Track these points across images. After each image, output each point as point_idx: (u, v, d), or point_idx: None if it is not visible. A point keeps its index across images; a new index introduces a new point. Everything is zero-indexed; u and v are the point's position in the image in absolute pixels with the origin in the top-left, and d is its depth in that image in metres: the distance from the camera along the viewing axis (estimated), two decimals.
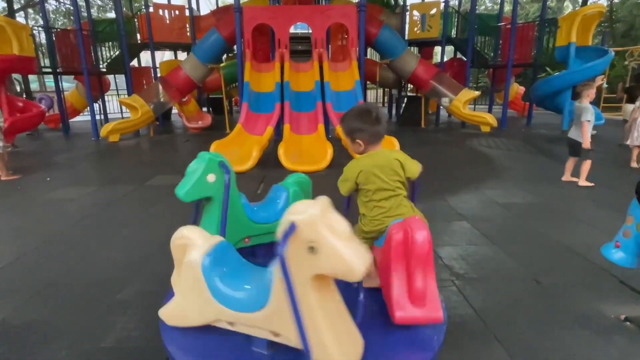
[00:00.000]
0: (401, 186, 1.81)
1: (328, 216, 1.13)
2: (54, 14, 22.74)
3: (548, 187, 4.61)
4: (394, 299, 1.47)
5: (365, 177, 1.79)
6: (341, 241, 1.08)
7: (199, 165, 1.88)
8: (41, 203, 4.28)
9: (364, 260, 1.08)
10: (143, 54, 12.89)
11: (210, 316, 1.42)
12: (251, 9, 7.96)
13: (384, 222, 1.77)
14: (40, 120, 8.61)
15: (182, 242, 1.46)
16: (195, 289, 1.41)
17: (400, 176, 1.79)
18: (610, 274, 2.47)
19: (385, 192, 1.78)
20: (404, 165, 1.81)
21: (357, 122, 1.80)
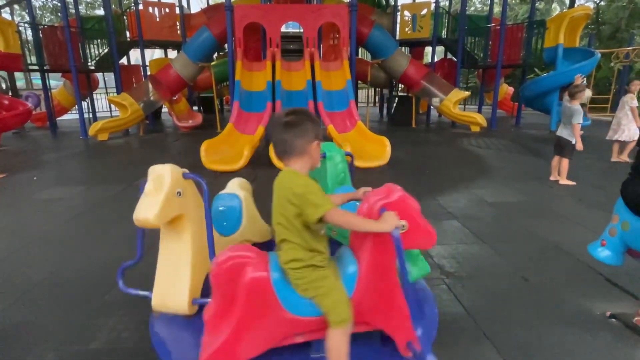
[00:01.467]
0: (285, 223, 1.39)
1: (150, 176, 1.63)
2: (41, 10, 22.35)
3: (536, 187, 4.67)
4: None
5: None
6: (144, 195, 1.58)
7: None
8: (28, 203, 4.20)
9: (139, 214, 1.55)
10: (132, 52, 12.73)
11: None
12: (242, 8, 7.91)
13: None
14: (27, 118, 8.47)
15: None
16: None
17: (282, 208, 1.39)
18: (596, 272, 2.51)
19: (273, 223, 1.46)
20: (298, 197, 1.35)
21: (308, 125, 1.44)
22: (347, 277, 1.40)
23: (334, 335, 1.33)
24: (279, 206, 1.39)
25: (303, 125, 1.40)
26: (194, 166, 5.56)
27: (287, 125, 1.40)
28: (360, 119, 6.70)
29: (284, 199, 1.36)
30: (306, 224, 1.35)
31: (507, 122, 11.23)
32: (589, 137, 8.25)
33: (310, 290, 1.36)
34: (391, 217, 1.31)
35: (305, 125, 1.40)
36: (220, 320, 1.35)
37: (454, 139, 8.35)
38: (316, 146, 1.43)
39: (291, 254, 1.38)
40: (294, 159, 1.42)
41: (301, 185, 1.34)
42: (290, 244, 1.38)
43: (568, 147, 4.59)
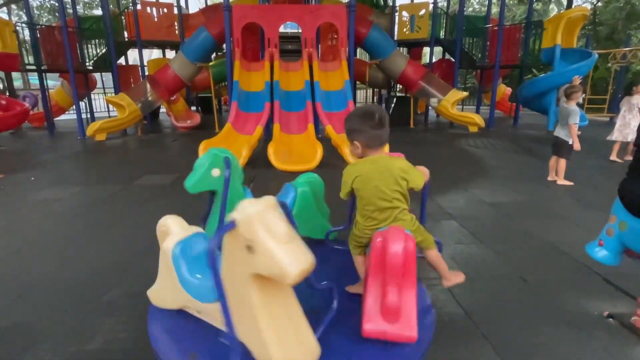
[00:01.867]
0: (400, 198, 1.67)
1: (267, 216, 1.11)
2: (39, 10, 22.27)
3: (534, 187, 4.69)
4: (366, 310, 1.42)
5: (362, 184, 1.67)
6: (277, 243, 1.07)
7: (205, 160, 2.02)
8: (25, 203, 4.19)
9: (300, 264, 1.05)
10: (130, 52, 12.71)
11: (180, 302, 1.53)
12: (241, 8, 7.91)
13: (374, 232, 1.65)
14: (24, 118, 8.43)
15: (162, 230, 1.59)
16: (167, 274, 1.52)
17: (400, 187, 1.65)
18: (594, 272, 2.52)
19: (381, 201, 1.65)
20: (407, 175, 1.66)
21: (358, 123, 1.68)
22: None
23: (431, 253, 1.80)
24: (394, 184, 1.66)
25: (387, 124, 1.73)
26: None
27: (385, 120, 1.71)
28: None
29: (399, 177, 1.66)
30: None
31: (505, 123, 11.26)
32: (586, 138, 8.29)
33: (418, 230, 1.73)
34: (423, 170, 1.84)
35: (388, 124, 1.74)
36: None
37: (452, 139, 8.36)
38: None
39: (409, 215, 1.73)
40: (381, 148, 1.74)
41: (406, 164, 1.74)
42: (404, 210, 1.71)
43: (565, 147, 4.62)
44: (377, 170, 1.66)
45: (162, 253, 1.53)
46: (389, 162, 1.68)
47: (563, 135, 4.61)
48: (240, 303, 1.20)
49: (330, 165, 5.66)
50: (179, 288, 1.47)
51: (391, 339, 1.37)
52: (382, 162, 1.68)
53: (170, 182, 4.94)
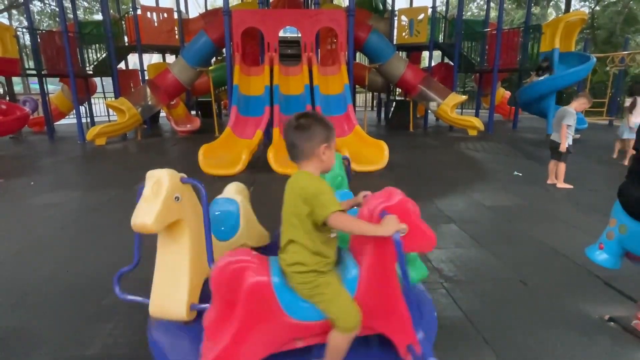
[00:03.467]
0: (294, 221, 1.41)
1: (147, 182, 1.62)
2: (39, 15, 22.36)
3: (534, 190, 4.69)
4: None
5: None
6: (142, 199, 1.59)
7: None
8: (24, 208, 4.18)
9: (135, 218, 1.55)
10: (131, 57, 12.75)
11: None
12: (240, 13, 7.94)
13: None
14: (24, 123, 8.45)
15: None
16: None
17: (292, 207, 1.41)
18: (594, 275, 2.52)
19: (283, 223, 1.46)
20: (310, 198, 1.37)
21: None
22: (348, 281, 1.40)
23: (337, 337, 1.36)
24: (291, 206, 1.40)
25: (312, 129, 1.42)
26: (191, 170, 5.55)
27: (297, 129, 1.43)
28: (358, 123, 6.72)
29: (299, 197, 1.37)
30: (315, 224, 1.36)
31: (504, 126, 11.28)
32: (585, 141, 8.31)
33: (315, 297, 1.37)
34: (392, 220, 1.33)
35: (313, 129, 1.43)
36: (220, 325, 1.35)
37: (451, 143, 8.38)
38: (325, 149, 1.44)
39: (296, 257, 1.38)
40: (305, 161, 1.45)
41: (314, 185, 1.37)
42: (297, 245, 1.38)
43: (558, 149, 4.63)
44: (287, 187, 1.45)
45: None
46: (297, 179, 1.43)
47: (558, 139, 4.62)
48: None
49: None
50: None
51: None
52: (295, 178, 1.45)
53: None
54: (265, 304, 1.32)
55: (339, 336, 1.35)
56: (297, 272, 1.37)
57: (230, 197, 2.27)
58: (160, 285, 1.67)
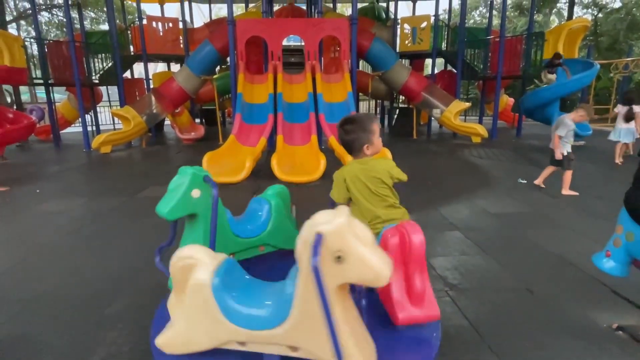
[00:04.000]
0: (389, 194, 1.93)
1: (353, 224, 1.14)
2: (47, 26, 22.70)
3: (539, 197, 4.66)
4: (395, 301, 1.54)
5: (353, 183, 1.92)
6: (367, 248, 1.10)
7: (182, 181, 1.81)
8: (30, 215, 4.21)
9: (389, 265, 1.11)
10: (136, 66, 12.88)
11: (222, 338, 1.37)
12: (244, 22, 8.03)
13: (377, 228, 1.81)
14: (31, 131, 8.52)
15: (186, 263, 1.37)
16: (203, 311, 1.35)
17: (384, 182, 1.91)
18: (602, 283, 2.49)
19: (373, 195, 1.91)
20: (391, 172, 1.94)
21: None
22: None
23: None
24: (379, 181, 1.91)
25: (356, 134, 1.95)
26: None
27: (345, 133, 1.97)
28: None
29: (385, 171, 1.92)
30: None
31: (508, 133, 11.25)
32: (590, 147, 8.27)
33: None
34: None
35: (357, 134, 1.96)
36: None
37: (455, 150, 8.36)
38: (369, 146, 1.98)
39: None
40: (359, 153, 1.99)
41: (388, 163, 2.01)
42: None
43: (565, 159, 4.64)
44: (364, 171, 1.93)
45: (195, 288, 1.34)
46: (375, 164, 1.97)
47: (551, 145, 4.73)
48: (313, 318, 1.19)
49: None
50: (223, 322, 1.33)
51: (422, 321, 1.55)
52: (371, 164, 1.96)
53: None
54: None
55: None
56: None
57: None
58: None
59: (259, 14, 10.09)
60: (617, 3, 21.60)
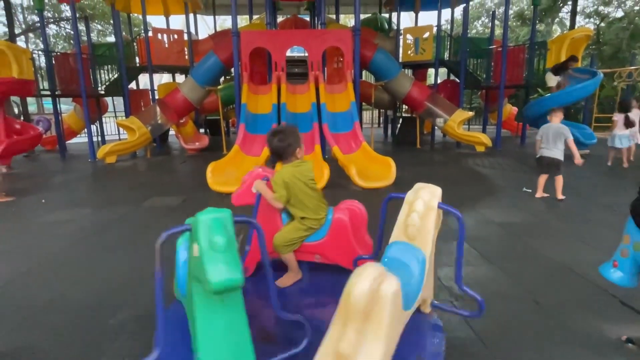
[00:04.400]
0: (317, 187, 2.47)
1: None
2: (55, 38, 23.09)
3: (544, 206, 4.63)
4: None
5: (294, 184, 2.33)
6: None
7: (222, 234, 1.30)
8: (35, 225, 4.23)
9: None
10: (141, 77, 13.05)
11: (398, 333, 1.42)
12: (249, 34, 8.12)
13: (321, 215, 2.42)
14: (37, 142, 8.61)
15: (379, 281, 1.20)
16: (397, 319, 1.29)
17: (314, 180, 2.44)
18: (610, 294, 2.45)
19: (314, 192, 2.41)
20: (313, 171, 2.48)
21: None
22: None
23: None
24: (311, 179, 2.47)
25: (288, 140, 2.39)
26: (200, 188, 5.59)
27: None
28: (365, 140, 6.74)
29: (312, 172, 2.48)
30: None
31: (512, 142, 11.23)
32: (595, 156, 8.22)
33: None
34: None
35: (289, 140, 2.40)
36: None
37: (459, 159, 8.35)
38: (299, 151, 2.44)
39: None
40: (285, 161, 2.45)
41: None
42: None
43: (560, 165, 4.82)
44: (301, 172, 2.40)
45: (394, 299, 1.21)
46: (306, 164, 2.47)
47: (558, 155, 4.77)
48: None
49: (338, 186, 5.66)
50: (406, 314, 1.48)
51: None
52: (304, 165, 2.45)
53: (179, 204, 4.97)
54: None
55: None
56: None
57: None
58: None
59: (263, 25, 10.23)
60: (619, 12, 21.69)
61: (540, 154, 4.94)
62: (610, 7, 22.31)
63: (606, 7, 22.37)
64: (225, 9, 16.10)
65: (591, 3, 23.09)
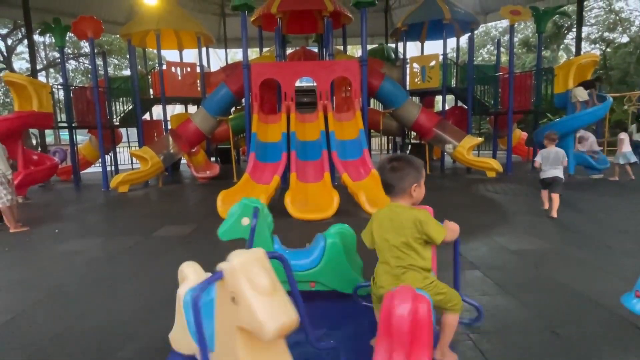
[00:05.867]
0: (408, 250, 1.64)
1: (252, 268, 1.09)
2: (73, 73, 24.09)
3: (559, 232, 4.53)
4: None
5: (379, 227, 1.76)
6: (258, 295, 1.04)
7: (236, 209, 2.21)
8: (48, 255, 4.27)
9: (279, 320, 1.01)
10: (155, 108, 13.43)
11: (191, 348, 1.54)
12: (259, 66, 8.38)
13: (384, 287, 1.64)
14: (53, 172, 8.84)
15: (180, 276, 1.71)
16: (180, 320, 1.61)
17: (406, 236, 1.63)
18: (634, 325, 2.34)
19: (391, 250, 1.65)
20: (423, 225, 1.63)
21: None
22: None
23: (449, 317, 1.74)
24: (402, 235, 1.67)
25: (404, 171, 1.75)
26: (210, 216, 5.61)
27: (391, 170, 1.75)
28: (374, 167, 6.76)
29: (411, 223, 1.65)
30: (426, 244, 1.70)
31: (523, 167, 11.13)
32: (609, 181, 8.09)
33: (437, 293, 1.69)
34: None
35: (406, 171, 1.75)
36: None
37: (469, 185, 8.28)
38: (416, 187, 1.77)
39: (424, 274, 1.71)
40: (399, 196, 1.76)
41: (421, 214, 1.69)
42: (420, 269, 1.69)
43: (561, 184, 5.27)
44: (388, 216, 1.73)
45: (177, 298, 1.65)
46: (402, 211, 1.72)
47: (559, 174, 5.20)
48: (227, 355, 1.17)
49: (347, 213, 5.63)
50: (188, 334, 1.54)
51: None
52: (395, 209, 1.75)
53: (189, 233, 4.99)
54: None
55: (450, 317, 1.75)
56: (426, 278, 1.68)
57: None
58: None
59: (273, 57, 10.54)
60: (624, 38, 21.91)
61: (545, 175, 5.32)
62: (615, 33, 22.58)
63: (611, 32, 22.65)
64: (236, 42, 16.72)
65: (596, 29, 23.42)
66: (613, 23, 22.32)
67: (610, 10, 22.44)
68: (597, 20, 23.31)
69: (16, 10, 13.31)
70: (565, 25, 21.95)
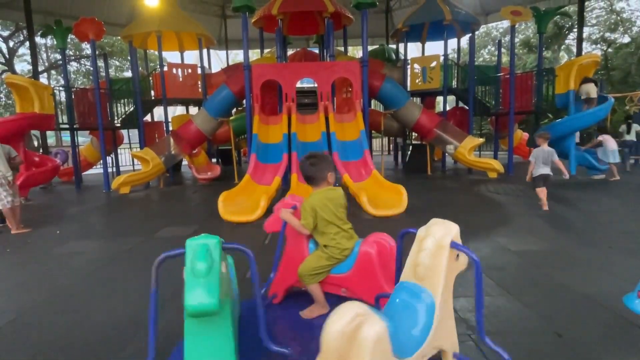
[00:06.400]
0: (345, 216, 2.41)
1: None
2: (75, 74, 24.14)
3: (561, 233, 4.52)
4: None
5: (322, 210, 2.29)
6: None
7: (207, 259, 1.44)
8: (49, 257, 4.27)
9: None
10: (156, 109, 13.44)
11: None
12: (260, 67, 8.39)
13: (344, 245, 2.32)
14: (55, 174, 8.85)
15: (358, 322, 1.16)
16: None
17: (345, 208, 2.41)
18: (636, 326, 2.34)
19: (342, 219, 2.36)
20: (344, 198, 2.43)
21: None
22: None
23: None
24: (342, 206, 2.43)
25: (321, 165, 2.38)
26: (211, 217, 5.62)
27: (311, 165, 2.37)
28: (375, 167, 6.76)
29: (342, 199, 2.43)
30: None
31: (525, 167, 11.05)
32: (612, 182, 8.07)
33: None
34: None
35: (323, 165, 2.38)
36: None
37: (471, 186, 8.27)
38: (330, 174, 2.39)
39: None
40: (320, 184, 2.41)
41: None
42: None
43: (549, 180, 5.77)
44: (327, 199, 2.36)
45: (377, 344, 1.17)
46: (332, 192, 2.41)
47: (549, 171, 5.73)
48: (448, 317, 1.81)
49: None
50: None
51: None
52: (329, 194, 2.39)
53: (191, 234, 4.98)
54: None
55: None
56: None
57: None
58: None
59: (274, 59, 10.55)
60: (625, 38, 21.89)
61: (538, 172, 5.73)
62: (616, 34, 22.56)
63: (612, 33, 22.63)
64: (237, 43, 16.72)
65: (597, 30, 23.40)
66: (614, 23, 22.31)
67: (611, 11, 22.43)
68: (598, 20, 23.31)
69: (18, 13, 13.34)
70: (566, 25, 21.94)
